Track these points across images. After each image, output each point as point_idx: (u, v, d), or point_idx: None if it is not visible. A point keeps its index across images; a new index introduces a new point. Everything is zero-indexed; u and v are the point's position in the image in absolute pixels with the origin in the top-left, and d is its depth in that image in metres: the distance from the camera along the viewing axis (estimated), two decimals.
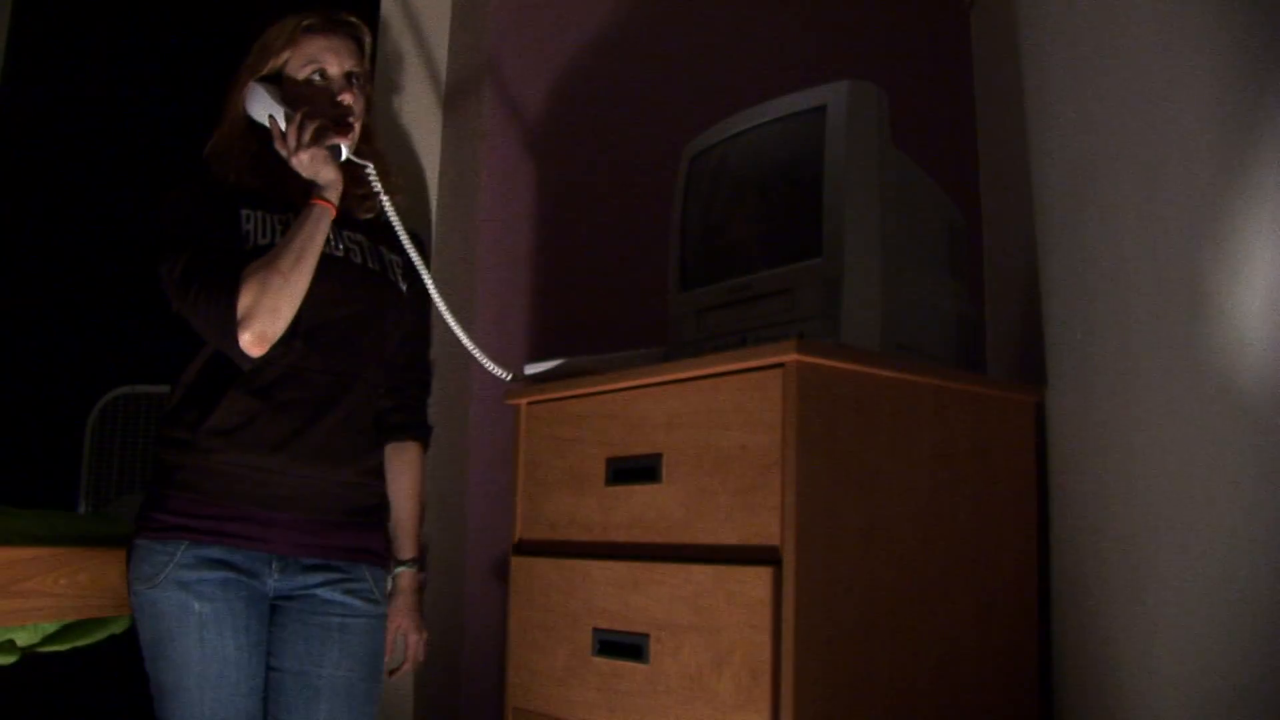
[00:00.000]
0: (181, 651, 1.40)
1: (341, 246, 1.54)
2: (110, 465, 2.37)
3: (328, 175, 1.46)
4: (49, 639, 1.57)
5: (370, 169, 1.53)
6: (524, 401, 1.55)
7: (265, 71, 1.55)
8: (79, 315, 2.74)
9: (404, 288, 1.60)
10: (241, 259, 1.44)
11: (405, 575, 1.63)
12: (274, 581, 1.47)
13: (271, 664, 1.49)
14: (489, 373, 1.57)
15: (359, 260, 1.55)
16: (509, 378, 1.57)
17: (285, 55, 1.54)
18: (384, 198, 1.52)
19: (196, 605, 1.40)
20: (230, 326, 1.39)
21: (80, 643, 1.64)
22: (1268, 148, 0.98)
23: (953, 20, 1.96)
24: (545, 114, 2.36)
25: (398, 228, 1.53)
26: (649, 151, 2.17)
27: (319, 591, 1.49)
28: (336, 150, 1.49)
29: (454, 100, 2.25)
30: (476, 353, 1.55)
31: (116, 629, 1.72)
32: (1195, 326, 1.04)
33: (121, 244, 2.77)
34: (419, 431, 1.64)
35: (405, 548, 1.63)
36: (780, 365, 1.17)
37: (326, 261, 1.47)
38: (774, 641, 1.14)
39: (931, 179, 1.45)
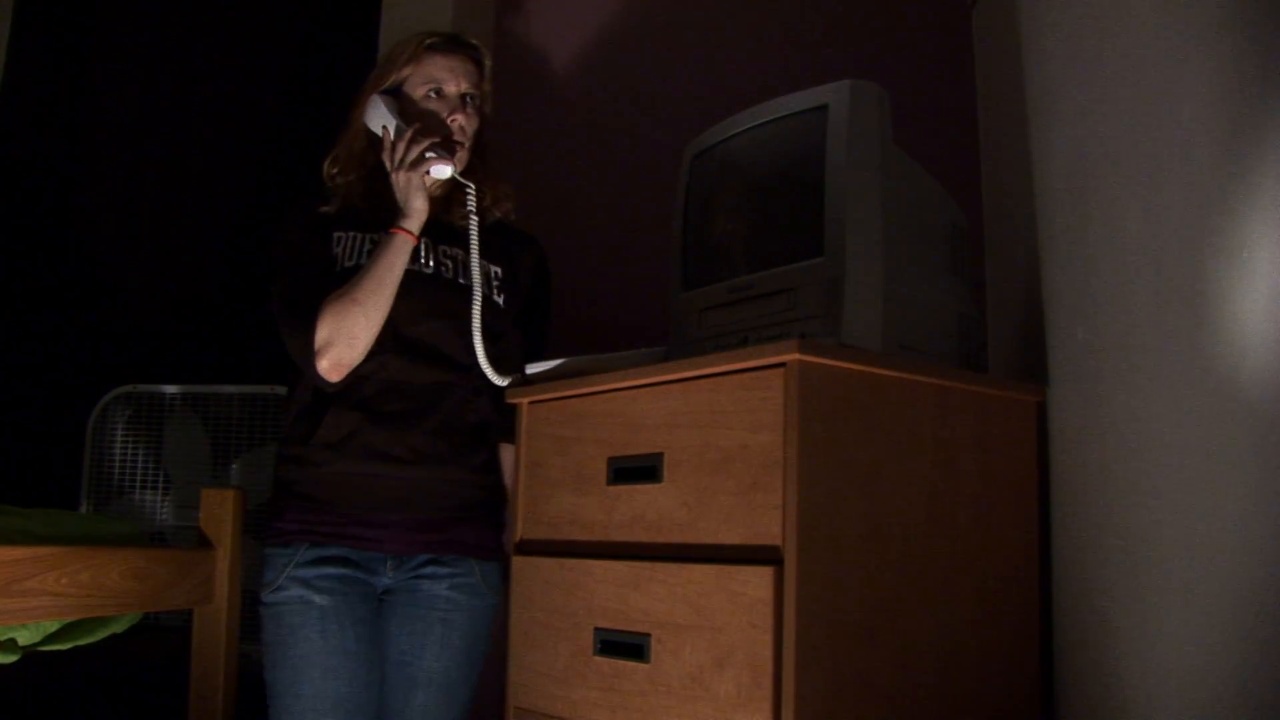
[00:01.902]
0: (304, 644, 1.47)
1: (433, 263, 1.58)
2: (111, 465, 2.37)
3: (416, 203, 1.50)
4: (50, 638, 1.57)
5: (471, 189, 1.56)
6: (525, 401, 1.55)
7: (388, 85, 1.60)
8: (79, 315, 2.74)
9: (499, 300, 1.63)
10: (329, 284, 1.51)
11: None
12: (387, 579, 1.55)
13: None
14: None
15: (449, 276, 1.59)
16: (506, 384, 1.57)
17: (407, 71, 1.59)
18: (473, 220, 1.56)
19: (317, 599, 1.49)
20: (309, 355, 1.48)
21: (81, 642, 1.65)
22: (1269, 147, 0.98)
23: (954, 20, 1.96)
24: (546, 113, 2.37)
25: (473, 253, 1.56)
26: (650, 151, 2.17)
27: (423, 585, 1.55)
28: (444, 171, 1.52)
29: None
30: (486, 366, 1.55)
31: (117, 628, 1.72)
32: (1197, 325, 1.04)
33: (123, 244, 2.77)
34: (510, 434, 1.65)
35: None
36: (782, 365, 1.17)
37: (416, 279, 1.54)
38: (775, 641, 1.14)
39: (933, 178, 1.45)
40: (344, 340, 1.47)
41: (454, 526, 1.57)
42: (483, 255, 1.61)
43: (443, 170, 1.52)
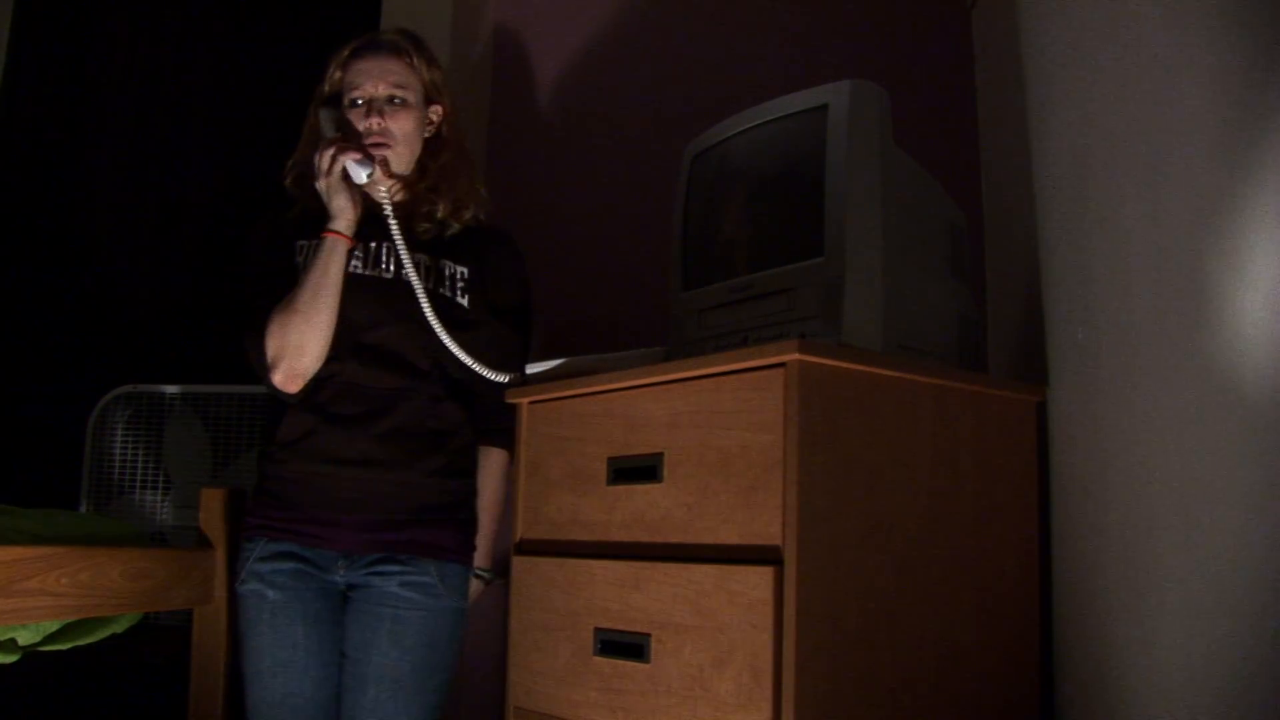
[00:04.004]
0: (258, 638, 1.53)
1: (391, 267, 1.59)
2: (111, 465, 2.37)
3: (338, 202, 1.53)
4: (50, 638, 1.57)
5: (384, 191, 1.56)
6: (525, 401, 1.55)
7: (330, 94, 1.62)
8: (79, 315, 2.74)
9: (464, 302, 1.61)
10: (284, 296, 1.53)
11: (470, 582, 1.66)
12: (341, 576, 1.55)
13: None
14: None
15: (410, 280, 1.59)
16: (506, 380, 1.57)
17: (338, 80, 1.61)
18: (392, 222, 1.56)
19: (270, 594, 1.53)
20: (264, 370, 1.52)
21: (81, 642, 1.65)
22: (1269, 147, 0.98)
23: (954, 19, 1.96)
24: (546, 114, 2.37)
25: (401, 250, 1.55)
26: (650, 151, 2.17)
27: (376, 583, 1.54)
28: (359, 174, 1.53)
29: (455, 101, 2.25)
30: (472, 362, 1.55)
31: (117, 628, 1.72)
32: (1197, 325, 1.04)
33: (123, 244, 2.77)
34: (499, 437, 1.67)
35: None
36: (782, 365, 1.17)
37: (375, 284, 1.56)
38: (775, 641, 1.14)
39: (933, 178, 1.45)
40: (291, 351, 1.50)
41: (408, 528, 1.55)
42: (449, 256, 1.61)
43: (358, 173, 1.53)
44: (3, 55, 2.80)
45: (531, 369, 1.56)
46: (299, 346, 1.50)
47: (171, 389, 2.39)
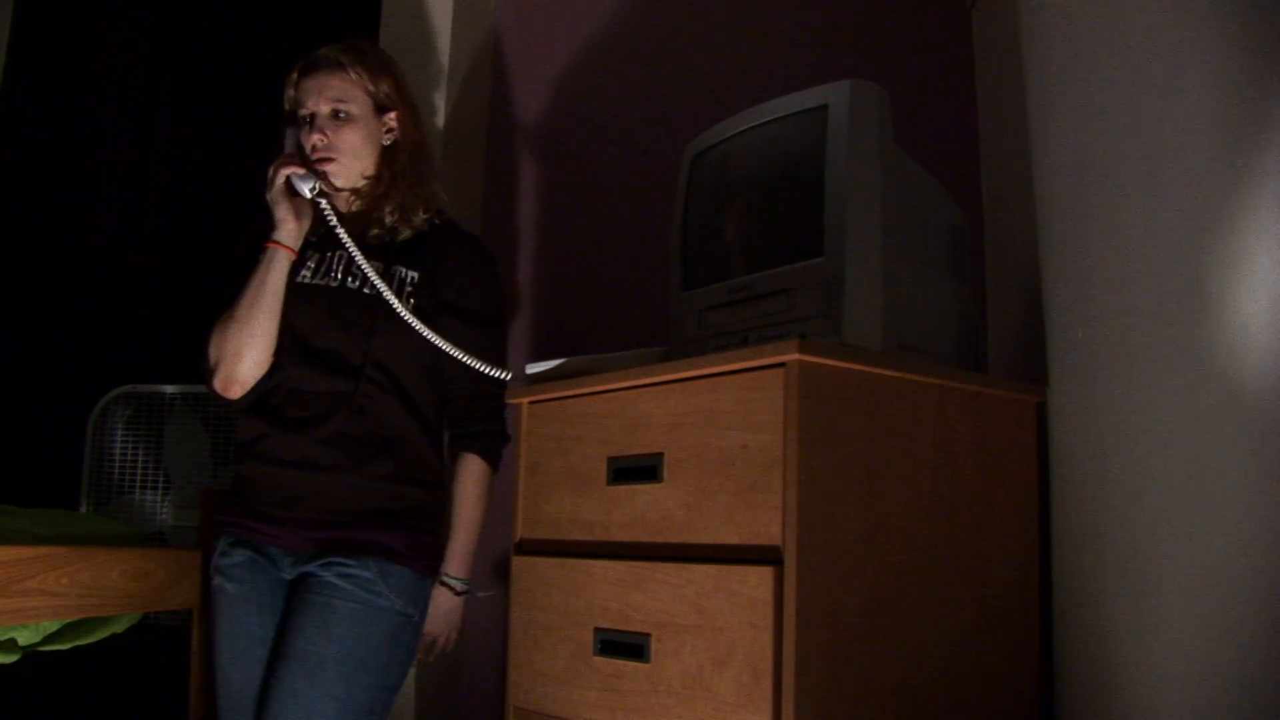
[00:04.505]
0: (219, 629, 1.56)
1: (338, 275, 1.62)
2: (111, 465, 2.37)
3: (279, 215, 1.59)
4: (50, 638, 1.57)
5: (324, 204, 1.59)
6: (525, 401, 1.55)
7: (289, 112, 1.67)
8: (79, 315, 2.74)
9: (409, 304, 1.60)
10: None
11: (437, 592, 1.63)
12: (289, 573, 1.57)
13: None
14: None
15: (355, 286, 1.61)
16: (507, 376, 1.57)
17: (292, 97, 1.67)
18: (340, 231, 1.58)
19: (229, 587, 1.56)
20: (206, 375, 1.58)
21: (81, 642, 1.65)
22: (1269, 147, 0.98)
23: (954, 19, 1.96)
24: (547, 113, 2.37)
25: (352, 250, 1.57)
26: (650, 151, 2.17)
27: (317, 571, 1.54)
28: (303, 188, 1.58)
29: (455, 101, 2.25)
30: (461, 354, 1.55)
31: (117, 628, 1.73)
32: (1197, 326, 1.04)
33: (122, 244, 2.77)
34: (472, 443, 1.65)
35: (446, 562, 1.64)
36: (782, 365, 1.17)
37: (321, 292, 1.60)
38: (775, 641, 1.14)
39: (933, 178, 1.45)
40: (229, 357, 1.55)
41: (350, 527, 1.55)
42: (401, 261, 1.62)
43: (301, 187, 1.58)
44: (3, 55, 2.80)
45: (531, 369, 1.56)
46: (235, 354, 1.55)
47: (171, 389, 2.39)
